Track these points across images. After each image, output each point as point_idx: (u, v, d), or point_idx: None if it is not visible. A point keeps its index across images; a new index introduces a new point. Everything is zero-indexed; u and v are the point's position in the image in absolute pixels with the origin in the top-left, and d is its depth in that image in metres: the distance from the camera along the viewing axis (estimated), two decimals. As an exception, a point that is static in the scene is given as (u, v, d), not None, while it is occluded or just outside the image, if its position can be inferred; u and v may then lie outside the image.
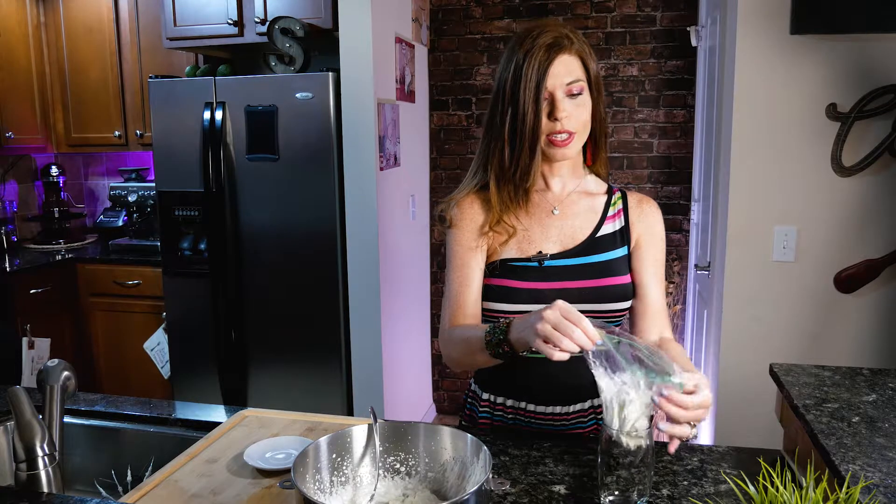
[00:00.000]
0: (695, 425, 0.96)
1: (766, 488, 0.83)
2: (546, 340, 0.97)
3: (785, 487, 0.82)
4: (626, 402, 0.95)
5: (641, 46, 3.35)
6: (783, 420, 1.45)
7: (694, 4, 3.24)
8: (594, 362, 0.96)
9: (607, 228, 1.30)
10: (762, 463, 0.92)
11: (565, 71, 1.19)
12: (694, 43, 3.13)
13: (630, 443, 0.95)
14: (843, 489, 0.82)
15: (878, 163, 2.21)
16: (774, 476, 0.84)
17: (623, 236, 1.30)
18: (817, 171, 2.27)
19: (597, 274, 1.25)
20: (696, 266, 2.95)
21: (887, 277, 2.27)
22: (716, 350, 2.48)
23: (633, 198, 1.33)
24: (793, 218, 2.31)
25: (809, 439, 1.16)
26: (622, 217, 1.31)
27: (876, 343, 2.31)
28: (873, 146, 2.21)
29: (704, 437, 2.68)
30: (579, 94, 1.20)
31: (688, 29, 3.18)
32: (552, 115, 1.19)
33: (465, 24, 3.52)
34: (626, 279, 1.27)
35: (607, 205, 1.32)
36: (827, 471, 1.05)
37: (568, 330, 0.95)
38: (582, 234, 1.28)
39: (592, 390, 1.30)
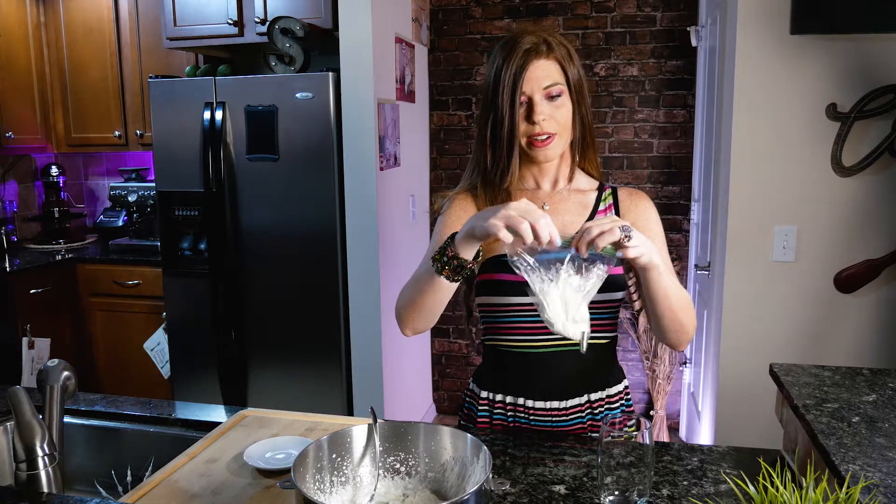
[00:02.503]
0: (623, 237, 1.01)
1: (766, 488, 0.83)
2: (507, 224, 0.99)
3: (785, 487, 0.82)
4: (552, 290, 1.00)
5: (641, 46, 3.34)
6: (783, 420, 1.45)
7: (694, 4, 3.23)
8: (521, 265, 1.01)
9: None
10: (762, 463, 0.92)
11: (543, 75, 1.20)
12: (694, 43, 3.13)
13: (573, 330, 1.01)
14: (843, 489, 0.82)
15: (878, 163, 2.21)
16: (774, 476, 0.84)
17: None
18: (817, 171, 2.27)
19: None
20: (696, 266, 2.95)
21: (887, 277, 2.27)
22: (716, 350, 2.48)
23: (623, 192, 1.35)
24: (793, 218, 2.31)
25: (809, 439, 1.16)
26: (613, 211, 1.33)
27: (876, 343, 2.31)
28: (873, 146, 2.21)
29: (705, 437, 2.67)
30: (558, 96, 1.22)
31: (688, 29, 3.18)
32: (531, 118, 1.21)
33: (465, 24, 3.52)
34: (619, 270, 1.28)
35: (598, 200, 1.33)
36: (827, 471, 1.05)
37: (534, 216, 0.98)
38: (573, 229, 1.29)
39: (588, 384, 1.31)
